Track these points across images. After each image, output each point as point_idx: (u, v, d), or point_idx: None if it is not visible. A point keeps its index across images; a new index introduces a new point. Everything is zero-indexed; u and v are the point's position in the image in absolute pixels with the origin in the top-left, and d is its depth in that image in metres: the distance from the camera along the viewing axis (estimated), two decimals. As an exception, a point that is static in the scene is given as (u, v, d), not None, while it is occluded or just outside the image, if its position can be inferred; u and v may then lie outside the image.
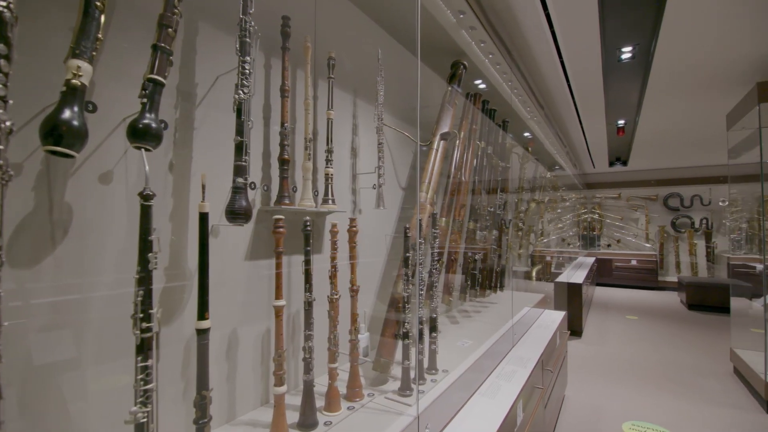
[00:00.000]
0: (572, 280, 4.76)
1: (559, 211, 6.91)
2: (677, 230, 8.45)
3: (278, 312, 1.02)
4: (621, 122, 4.90)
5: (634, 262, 8.41)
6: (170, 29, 0.83)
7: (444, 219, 2.03)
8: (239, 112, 0.98)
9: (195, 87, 1.03)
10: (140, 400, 0.73)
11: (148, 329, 0.73)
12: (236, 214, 0.94)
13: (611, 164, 7.83)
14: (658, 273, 8.27)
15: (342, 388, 1.27)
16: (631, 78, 3.50)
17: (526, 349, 2.11)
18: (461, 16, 1.82)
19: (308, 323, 1.09)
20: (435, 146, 1.81)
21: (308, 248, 1.07)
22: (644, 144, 6.17)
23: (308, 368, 1.08)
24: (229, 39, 1.10)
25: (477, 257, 2.48)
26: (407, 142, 2.00)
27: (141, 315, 0.73)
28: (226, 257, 1.10)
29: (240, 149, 0.97)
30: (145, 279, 0.74)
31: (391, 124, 1.83)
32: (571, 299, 4.66)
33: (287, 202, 1.17)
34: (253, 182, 1.14)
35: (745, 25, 2.63)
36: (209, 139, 1.05)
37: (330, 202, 1.31)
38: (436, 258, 1.56)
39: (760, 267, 3.61)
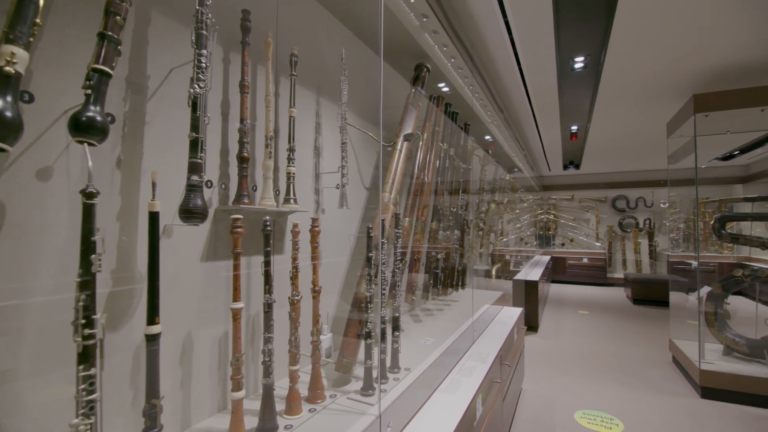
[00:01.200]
0: (529, 278, 4.97)
1: (517, 211, 7.20)
2: (624, 230, 9.06)
3: (236, 315, 0.99)
4: (574, 128, 5.18)
5: (585, 260, 8.93)
6: (118, 17, 0.78)
7: (407, 219, 2.06)
8: (194, 107, 0.94)
9: (146, 79, 0.98)
10: (82, 411, 0.68)
11: (91, 336, 0.69)
12: (190, 213, 0.90)
13: (565, 167, 8.27)
14: (606, 270, 8.83)
15: (303, 390, 1.25)
16: (583, 86, 3.71)
17: (485, 345, 2.18)
18: (424, 19, 1.85)
19: (268, 325, 1.06)
20: (399, 147, 1.83)
21: (268, 249, 1.05)
22: (595, 149, 6.57)
23: (268, 371, 1.05)
24: (184, 30, 1.05)
25: (439, 256, 2.53)
26: (371, 142, 2.01)
27: (83, 321, 0.68)
28: (180, 259, 1.05)
29: (195, 145, 0.93)
30: (87, 283, 0.69)
31: (355, 123, 1.83)
32: (528, 296, 4.87)
33: (246, 201, 1.14)
34: (209, 180, 1.10)
35: (683, 42, 2.86)
36: (162, 135, 1.00)
37: (292, 201, 1.29)
38: (399, 258, 1.58)
39: (695, 264, 3.95)
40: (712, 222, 3.58)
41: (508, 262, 5.76)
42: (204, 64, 0.96)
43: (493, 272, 4.75)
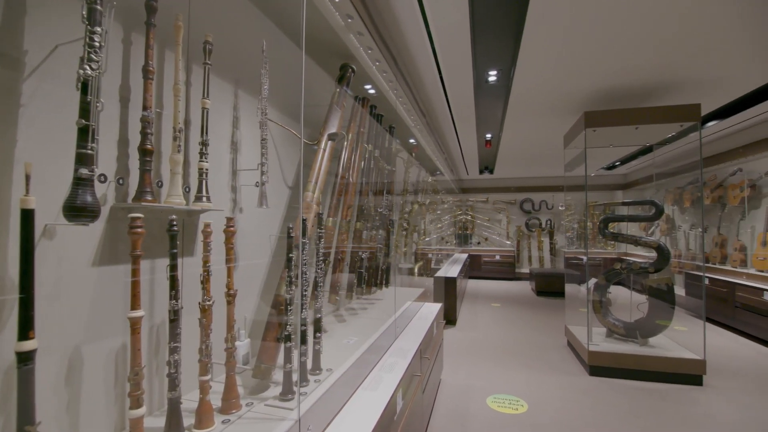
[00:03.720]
0: (448, 275, 5.26)
1: (438, 212, 7.58)
2: (529, 230, 10.09)
3: (134, 324, 0.89)
4: (488, 136, 5.61)
5: (497, 257, 9.76)
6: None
7: (331, 219, 2.04)
8: (84, 90, 0.83)
9: (23, 54, 0.84)
10: None
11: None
12: (77, 211, 0.79)
13: (481, 172, 8.94)
14: (515, 266, 9.76)
15: (217, 401, 1.17)
16: (496, 98, 4.05)
17: (407, 341, 2.26)
18: (349, 20, 1.85)
19: (174, 334, 0.97)
20: (323, 146, 1.81)
21: (174, 251, 0.96)
22: (506, 156, 7.19)
23: (173, 384, 0.97)
24: (73, 4, 0.92)
25: (364, 256, 2.55)
26: (294, 140, 1.95)
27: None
28: (65, 263, 0.91)
29: (84, 134, 0.82)
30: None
31: (278, 120, 1.76)
32: (448, 292, 5.15)
33: (149, 198, 1.03)
34: (102, 174, 0.98)
35: (578, 65, 3.27)
36: (42, 120, 0.86)
37: (204, 199, 1.20)
38: (321, 258, 1.56)
39: (585, 259, 4.53)
40: (598, 223, 4.15)
41: (430, 261, 6.04)
42: (97, 43, 0.85)
43: (416, 270, 4.94)
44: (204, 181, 1.21)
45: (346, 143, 2.23)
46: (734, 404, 2.95)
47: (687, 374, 3.33)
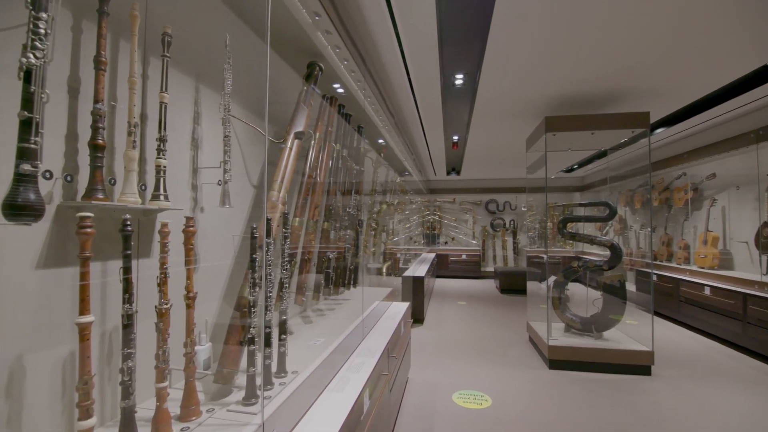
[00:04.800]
0: (416, 274, 5.32)
1: (407, 212, 7.65)
2: (494, 229, 10.40)
3: (83, 330, 0.84)
4: (455, 138, 5.73)
5: (464, 257, 9.99)
6: None
7: (297, 219, 2.01)
8: (27, 79, 0.77)
9: (-48, 38, 0.77)
10: None
11: None
12: (18, 209, 0.73)
13: (448, 173, 9.12)
14: (480, 265, 10.03)
15: (175, 408, 1.12)
16: (462, 101, 4.14)
17: (374, 341, 2.26)
18: (317, 18, 1.83)
19: (127, 340, 0.93)
20: (289, 144, 1.78)
21: (128, 252, 0.91)
22: (472, 157, 7.37)
23: (127, 392, 0.92)
24: (13, -16, 0.85)
25: (331, 256, 2.53)
26: (260, 138, 1.91)
27: None
28: (5, 265, 0.85)
29: (27, 127, 0.76)
30: None
31: (242, 116, 1.71)
32: (416, 291, 5.21)
33: (100, 196, 0.97)
34: (48, 170, 0.91)
35: (538, 72, 3.40)
36: (-24, 111, 0.80)
37: (161, 198, 1.14)
38: (287, 259, 1.53)
39: (545, 257, 4.72)
40: (557, 223, 4.34)
41: (398, 260, 6.08)
42: (43, 30, 0.80)
43: (384, 270, 4.96)
44: (161, 179, 1.16)
45: (313, 142, 2.20)
46: (679, 392, 3.18)
47: (637, 365, 3.55)
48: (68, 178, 0.97)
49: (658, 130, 5.21)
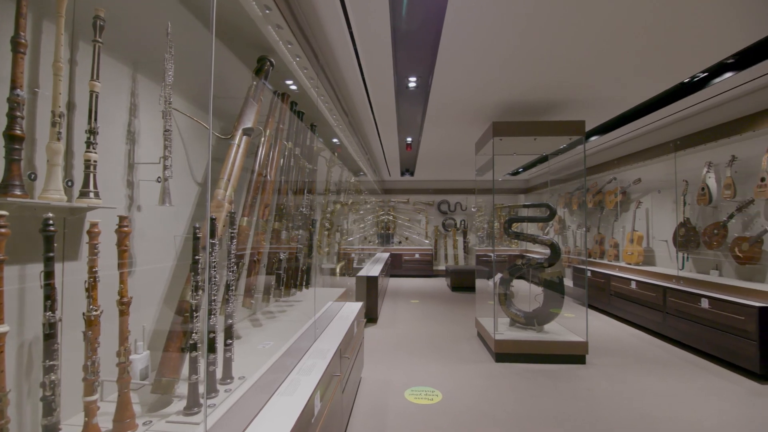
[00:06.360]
0: (370, 274, 5.34)
1: (361, 212, 7.66)
2: (446, 229, 10.72)
3: (-4, 342, 0.75)
4: (409, 139, 5.83)
5: (417, 256, 10.19)
6: None
7: (246, 218, 1.94)
8: (-77, 60, 0.67)
9: None
10: None
11: None
12: None
13: (402, 174, 9.26)
14: (433, 264, 10.29)
15: (107, 423, 1.04)
16: (415, 103, 4.22)
17: (326, 342, 2.24)
18: (267, 11, 1.78)
19: (50, 351, 0.84)
20: (237, 141, 1.71)
21: (50, 254, 0.83)
22: (425, 159, 7.54)
23: (50, 409, 0.83)
24: None
25: (282, 257, 2.47)
26: (205, 133, 1.81)
27: None
28: None
29: (-77, 114, 0.67)
30: None
31: (186, 110, 1.62)
32: (369, 291, 5.23)
33: (18, 192, 0.87)
34: (-49, 163, 0.80)
35: (487, 77, 3.56)
36: None
37: (91, 195, 1.05)
38: (233, 260, 1.47)
39: (493, 256, 4.94)
40: (503, 223, 4.56)
41: (352, 260, 6.07)
42: (-58, 3, 0.70)
43: (338, 270, 4.93)
44: (91, 175, 1.06)
45: (263, 139, 2.13)
46: (610, 378, 3.48)
47: (573, 355, 3.83)
48: (-24, 172, 0.86)
49: (593, 138, 5.66)
